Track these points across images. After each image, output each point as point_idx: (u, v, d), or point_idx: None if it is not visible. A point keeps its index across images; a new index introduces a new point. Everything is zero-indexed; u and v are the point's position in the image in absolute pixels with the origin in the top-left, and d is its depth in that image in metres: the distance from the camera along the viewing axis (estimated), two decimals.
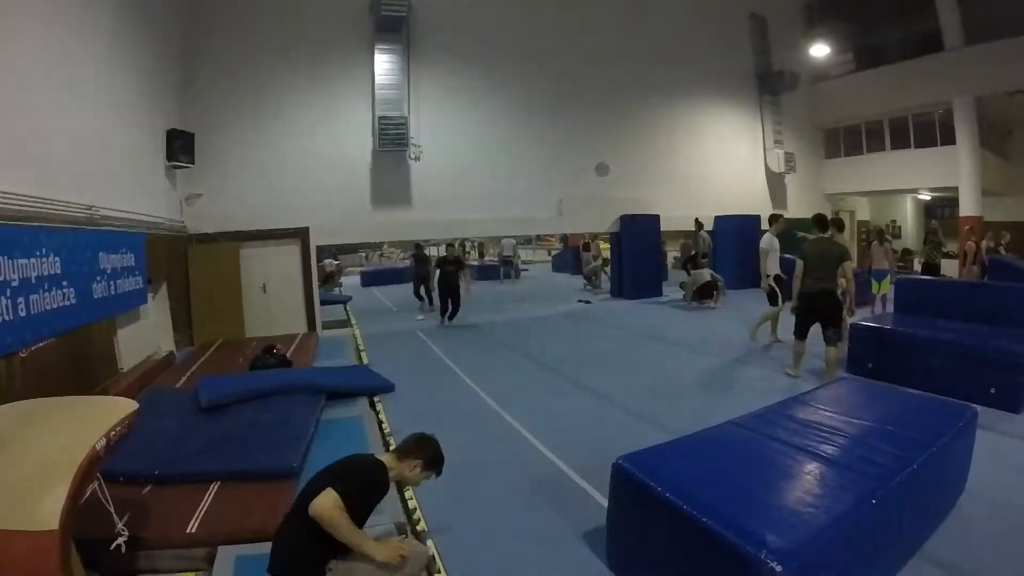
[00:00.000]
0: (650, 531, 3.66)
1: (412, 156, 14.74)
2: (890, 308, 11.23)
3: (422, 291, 17.41)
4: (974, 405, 5.25)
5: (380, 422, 7.00)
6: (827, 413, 4.91)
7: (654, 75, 18.70)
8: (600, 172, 17.45)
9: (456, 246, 14.29)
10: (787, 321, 9.60)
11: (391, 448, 3.38)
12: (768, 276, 10.71)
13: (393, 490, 5.00)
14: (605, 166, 17.48)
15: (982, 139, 20.20)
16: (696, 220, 16.17)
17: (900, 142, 22.24)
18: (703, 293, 15.57)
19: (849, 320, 9.64)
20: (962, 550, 4.12)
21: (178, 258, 11.85)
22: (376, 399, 7.84)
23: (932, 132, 21.27)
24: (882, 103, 22.04)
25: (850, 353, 8.86)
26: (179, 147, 11.64)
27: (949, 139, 20.24)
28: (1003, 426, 6.51)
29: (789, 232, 11.67)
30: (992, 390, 7.11)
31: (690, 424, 4.99)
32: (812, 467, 3.84)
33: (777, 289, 10.68)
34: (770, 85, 21.77)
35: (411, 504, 4.76)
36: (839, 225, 9.66)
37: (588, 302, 17.27)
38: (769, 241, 10.87)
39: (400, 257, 35.74)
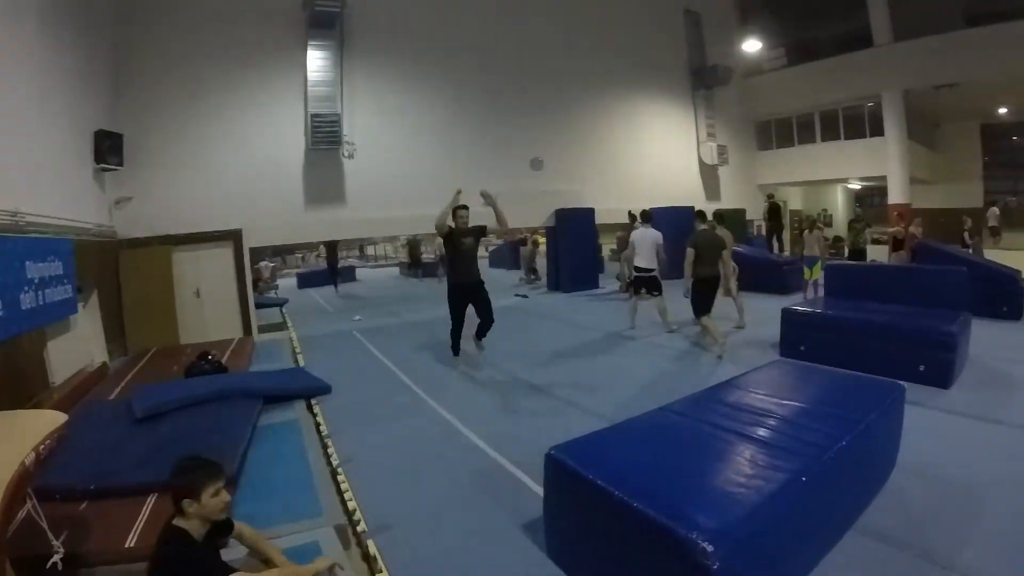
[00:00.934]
0: (585, 519, 3.66)
1: (345, 154, 14.49)
2: (822, 293, 11.47)
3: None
4: (902, 382, 5.37)
5: (318, 424, 6.91)
6: (758, 395, 4.96)
7: (589, 69, 18.77)
8: (535, 166, 17.42)
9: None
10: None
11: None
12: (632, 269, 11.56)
13: (331, 492, 5.00)
14: (539, 160, 17.44)
15: (910, 131, 21.14)
16: (629, 213, 16.33)
17: (830, 134, 22.96)
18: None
19: (738, 299, 11.30)
20: (897, 520, 4.24)
21: (109, 264, 11.35)
22: (313, 401, 7.71)
23: (862, 124, 22.02)
24: (813, 97, 22.74)
25: (782, 337, 9.02)
26: (108, 149, 11.09)
27: (878, 131, 21.11)
28: (934, 401, 6.77)
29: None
30: (921, 367, 7.34)
31: (624, 412, 5.00)
32: (743, 449, 3.87)
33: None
34: (704, 79, 22.15)
35: (351, 505, 4.73)
36: (719, 218, 10.98)
37: (525, 296, 17.24)
38: (640, 234, 11.40)
39: (343, 256, 35.46)
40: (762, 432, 4.14)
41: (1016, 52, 17.56)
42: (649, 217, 11.82)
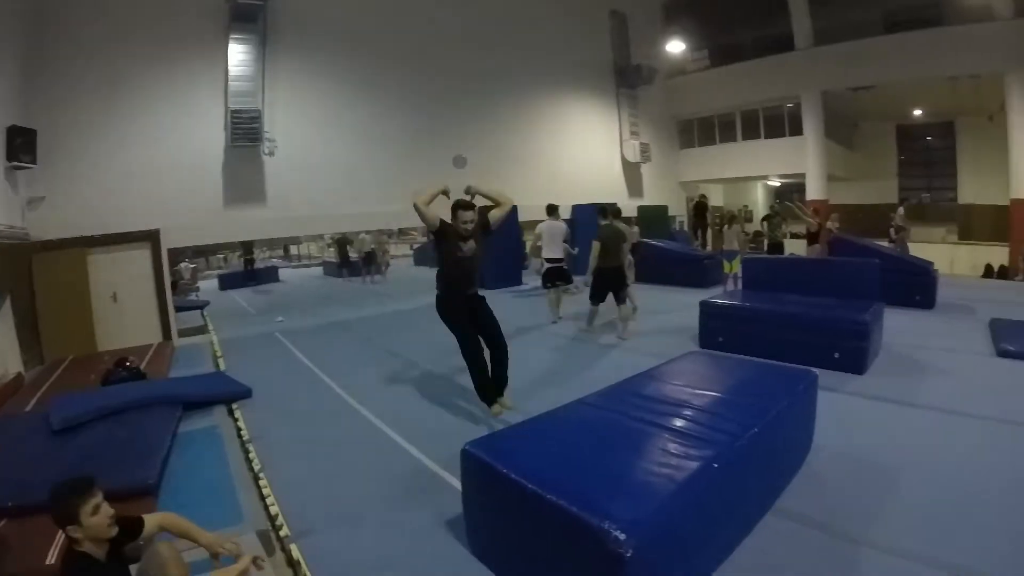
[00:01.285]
0: (503, 513, 3.65)
1: (266, 151, 13.96)
2: (741, 286, 11.61)
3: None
4: (814, 369, 5.53)
5: (239, 429, 6.71)
6: (673, 386, 5.00)
7: (514, 67, 18.70)
8: (457, 164, 17.10)
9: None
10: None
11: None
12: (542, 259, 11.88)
13: (254, 498, 4.93)
14: (463, 158, 17.14)
15: (830, 130, 22.07)
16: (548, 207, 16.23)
17: (751, 133, 23.67)
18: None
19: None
20: (813, 502, 4.39)
21: (22, 269, 10.59)
22: (234, 406, 7.48)
23: (781, 124, 22.84)
24: (735, 97, 23.35)
25: (701, 329, 9.19)
26: (20, 146, 10.42)
27: (797, 130, 22.01)
28: (848, 387, 7.06)
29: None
30: (836, 355, 7.61)
31: (544, 406, 4.91)
32: (657, 439, 3.90)
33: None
34: (628, 79, 22.42)
35: (273, 510, 4.64)
36: (617, 214, 11.54)
37: None
38: (546, 226, 11.86)
39: (267, 256, 34.77)
40: (676, 422, 4.17)
41: (929, 57, 18.55)
42: (554, 210, 12.19)
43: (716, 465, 3.52)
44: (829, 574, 3.60)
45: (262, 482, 5.17)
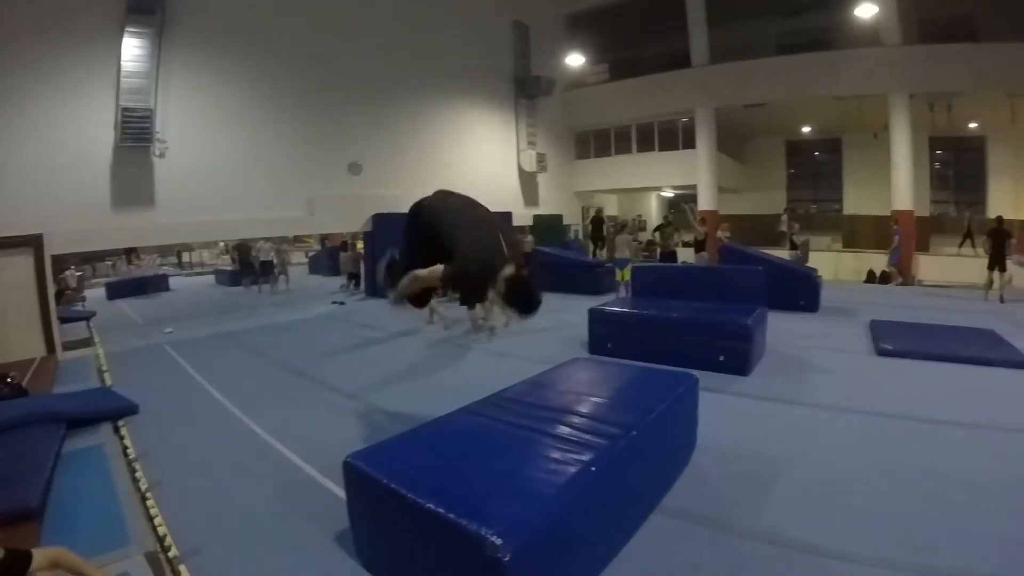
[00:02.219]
0: (387, 523, 3.66)
1: (156, 152, 13.16)
2: None
3: None
4: (700, 372, 5.82)
5: (125, 447, 6.34)
6: (556, 392, 5.07)
7: (414, 72, 18.44)
8: (353, 171, 16.83)
9: None
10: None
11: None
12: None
13: (141, 518, 4.70)
14: (358, 165, 16.87)
15: (722, 144, 23.05)
16: None
17: (646, 145, 24.29)
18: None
19: None
20: (698, 499, 4.57)
21: None
22: (120, 423, 7.07)
23: (676, 137, 23.60)
24: (632, 110, 23.88)
25: (590, 335, 9.38)
26: None
27: (690, 143, 22.75)
28: (733, 387, 7.34)
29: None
30: (721, 358, 7.91)
31: (430, 414, 4.93)
32: (538, 445, 3.94)
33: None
34: (528, 89, 22.51)
35: (161, 531, 4.45)
36: None
37: (343, 303, 16.66)
38: None
39: (157, 264, 33.49)
40: (557, 427, 4.22)
41: (819, 78, 19.85)
42: None
43: (594, 468, 3.57)
44: (716, 567, 3.71)
45: (149, 502, 4.95)
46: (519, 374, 6.16)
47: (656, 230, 18.36)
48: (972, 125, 22.73)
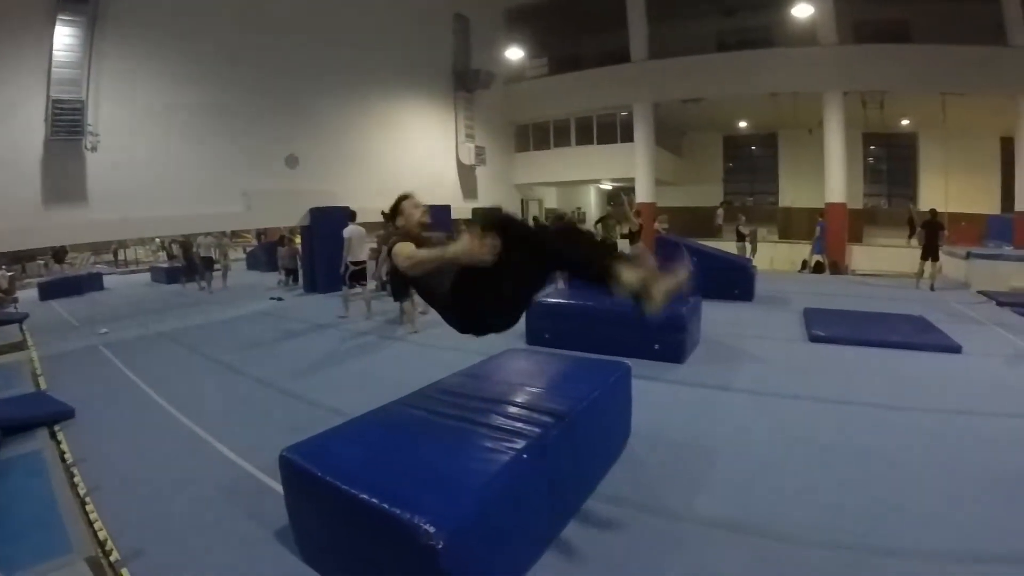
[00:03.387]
0: (324, 516, 3.65)
1: (88, 146, 12.58)
2: None
3: None
4: (636, 360, 6.03)
5: (62, 453, 6.09)
6: (489, 383, 5.06)
7: (352, 64, 18.08)
8: (289, 164, 16.50)
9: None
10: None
11: None
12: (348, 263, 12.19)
13: (81, 524, 4.54)
14: (294, 158, 16.54)
15: (660, 138, 23.33)
16: (382, 212, 15.76)
17: (585, 138, 24.40)
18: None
19: None
20: (632, 484, 4.61)
21: None
22: (57, 428, 6.80)
23: (614, 131, 23.72)
24: (571, 104, 23.92)
25: (527, 327, 9.28)
26: None
27: (629, 137, 22.95)
28: (668, 376, 7.44)
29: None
30: (656, 346, 8.03)
31: (366, 408, 4.78)
32: (471, 435, 3.93)
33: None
34: (467, 82, 22.38)
35: (101, 535, 4.29)
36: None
37: (280, 299, 16.35)
38: (352, 230, 12.24)
39: (91, 263, 32.48)
40: (491, 417, 4.21)
41: (754, 76, 20.34)
42: (353, 216, 12.80)
43: (526, 456, 3.58)
44: (652, 550, 3.76)
45: (89, 507, 4.80)
46: (455, 366, 6.09)
47: (598, 222, 18.44)
48: (904, 122, 23.72)
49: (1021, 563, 3.59)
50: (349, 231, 12.17)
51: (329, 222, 15.27)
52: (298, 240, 19.27)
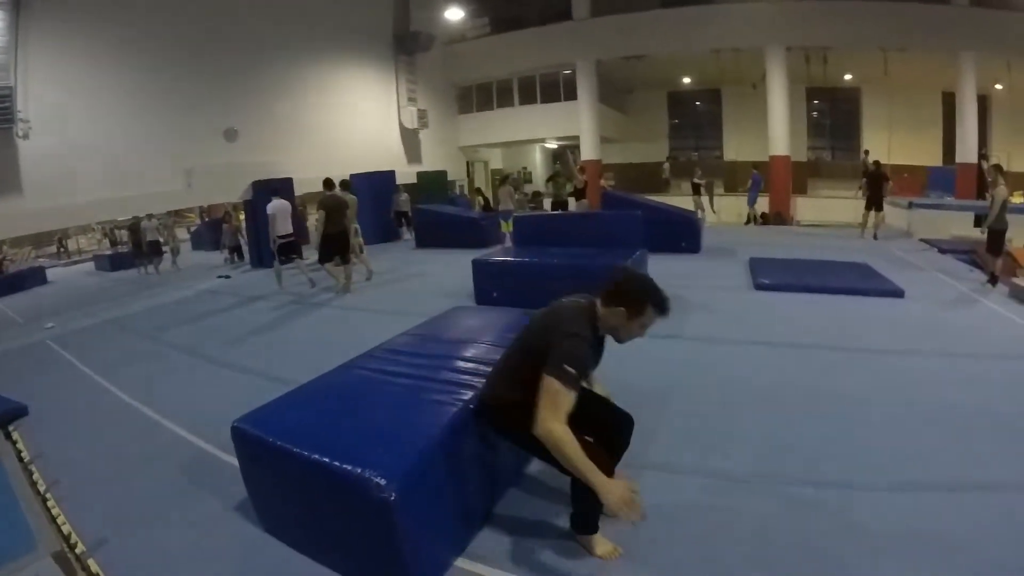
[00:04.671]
0: (279, 483, 3.66)
1: (20, 133, 12.05)
2: None
3: None
4: None
5: (18, 451, 5.84)
6: (436, 341, 5.06)
7: (287, 33, 17.61)
8: (229, 138, 16.03)
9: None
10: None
11: None
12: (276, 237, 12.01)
13: (44, 520, 4.25)
14: (234, 131, 16.07)
15: (604, 96, 23.55)
16: (325, 181, 15.46)
17: (528, 98, 24.50)
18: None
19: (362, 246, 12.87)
20: None
21: None
22: (11, 427, 6.54)
23: (557, 89, 23.81)
24: (513, 64, 23.87)
25: (475, 286, 9.40)
26: None
27: (572, 95, 23.00)
28: None
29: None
30: None
31: (315, 373, 4.73)
32: (419, 392, 3.92)
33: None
34: (407, 45, 22.08)
35: (65, 529, 4.09)
36: (345, 185, 12.29)
37: (228, 276, 15.98)
38: (275, 205, 11.97)
39: (32, 257, 31.39)
40: (438, 373, 4.22)
41: (697, 32, 20.59)
42: (277, 190, 12.82)
43: (472, 406, 3.58)
44: None
45: (50, 502, 4.54)
46: (401, 328, 6.01)
47: (549, 180, 18.47)
48: (847, 77, 24.22)
49: (960, 490, 3.74)
50: (272, 207, 11.99)
51: (272, 195, 14.95)
52: (241, 216, 18.83)
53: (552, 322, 3.07)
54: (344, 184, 12.26)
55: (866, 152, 17.90)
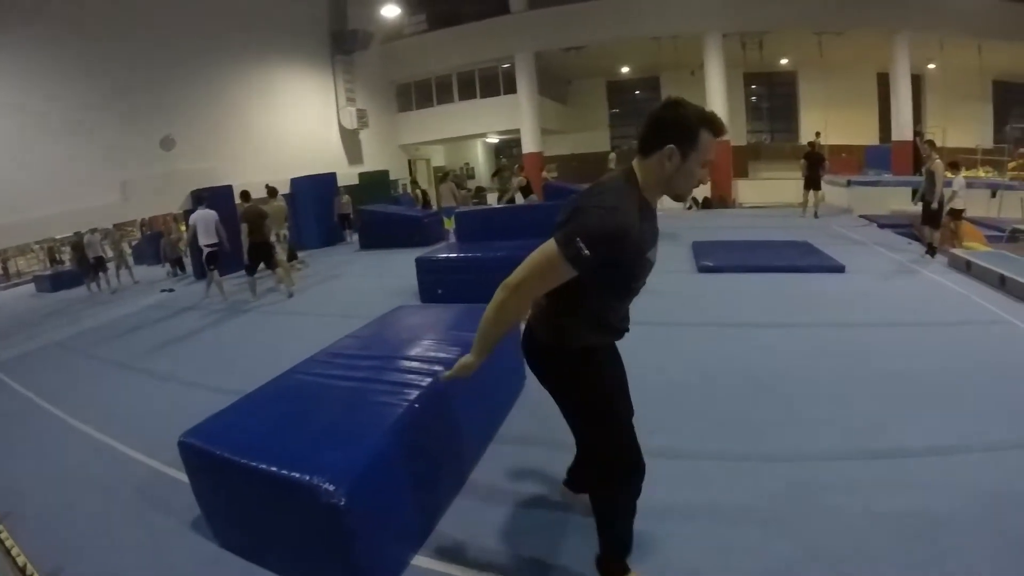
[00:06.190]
0: (230, 496, 3.61)
1: None
2: None
3: None
4: None
5: None
6: (380, 341, 5.08)
7: (222, 35, 17.08)
8: (165, 146, 15.49)
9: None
10: None
11: None
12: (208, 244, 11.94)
13: None
14: (170, 139, 15.54)
15: (543, 88, 23.56)
16: (267, 187, 15.10)
17: (467, 93, 24.48)
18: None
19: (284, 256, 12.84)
20: (533, 423, 4.73)
21: None
22: None
23: (497, 83, 23.90)
24: (452, 59, 23.81)
25: (420, 284, 9.46)
26: None
27: (512, 89, 23.09)
28: None
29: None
30: None
31: (259, 382, 4.63)
32: (365, 393, 3.91)
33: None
34: (344, 44, 21.79)
35: (20, 560, 4.04)
36: (273, 193, 13.11)
37: (172, 290, 15.57)
38: (197, 216, 11.94)
39: None
40: (383, 374, 4.21)
41: (635, 20, 20.84)
42: (203, 199, 12.50)
43: (418, 405, 3.60)
44: (558, 481, 3.76)
45: (3, 534, 4.49)
46: (344, 330, 5.92)
47: (494, 175, 18.46)
48: (784, 61, 24.86)
49: (898, 456, 3.86)
50: (194, 217, 11.94)
51: (211, 204, 14.54)
52: (183, 227, 18.39)
53: (578, 202, 2.32)
54: (271, 191, 12.77)
55: (817, 134, 18.35)
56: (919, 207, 10.12)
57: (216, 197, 14.13)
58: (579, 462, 3.48)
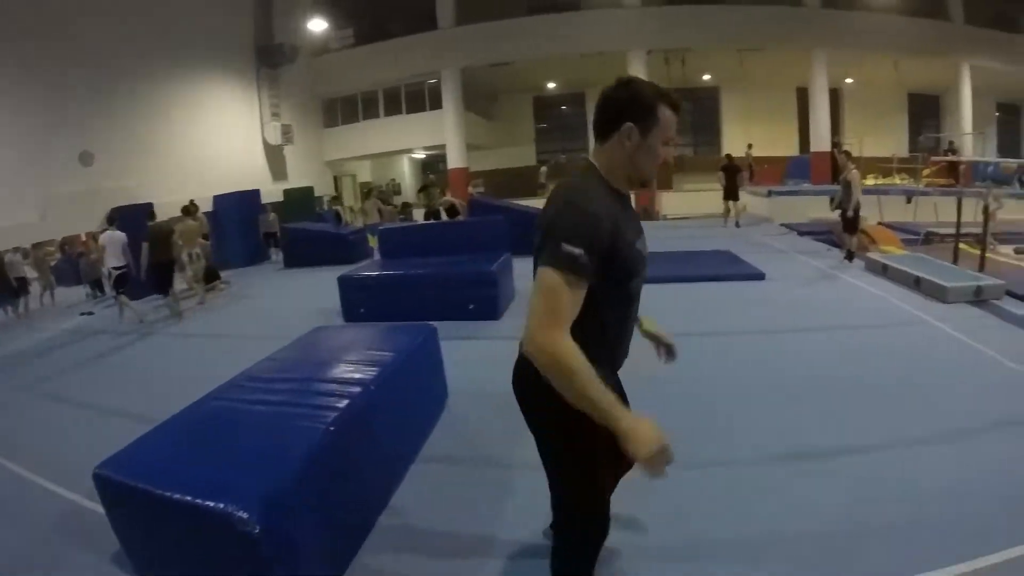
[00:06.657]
0: (147, 528, 3.48)
1: None
2: None
3: None
4: (449, 322, 6.24)
5: None
6: (297, 363, 5.00)
7: (143, 47, 16.52)
8: (84, 161, 14.98)
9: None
10: None
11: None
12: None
13: None
14: (89, 154, 15.02)
15: (470, 103, 24.01)
16: (190, 202, 14.64)
17: (393, 109, 24.71)
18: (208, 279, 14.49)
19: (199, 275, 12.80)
20: (458, 441, 4.84)
21: None
22: None
23: (423, 99, 24.19)
24: (378, 75, 23.85)
25: (343, 303, 9.34)
26: None
27: (438, 104, 23.38)
28: (485, 332, 7.59)
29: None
30: (471, 306, 8.26)
31: (176, 409, 4.41)
32: (282, 417, 3.84)
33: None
34: (270, 57, 21.55)
35: None
36: (187, 210, 12.93)
37: (91, 313, 14.99)
38: (105, 237, 11.76)
39: None
40: (299, 397, 4.15)
41: (562, 37, 21.52)
42: (113, 220, 12.01)
43: (333, 428, 3.56)
44: (486, 497, 3.95)
45: None
46: (261, 353, 5.77)
47: (420, 191, 18.36)
48: (706, 77, 25.81)
49: (810, 458, 3.99)
50: (103, 238, 11.79)
51: (131, 222, 13.98)
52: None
53: (543, 213, 2.13)
54: (185, 209, 12.68)
55: (749, 146, 18.85)
56: (838, 214, 10.41)
57: (136, 215, 13.69)
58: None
